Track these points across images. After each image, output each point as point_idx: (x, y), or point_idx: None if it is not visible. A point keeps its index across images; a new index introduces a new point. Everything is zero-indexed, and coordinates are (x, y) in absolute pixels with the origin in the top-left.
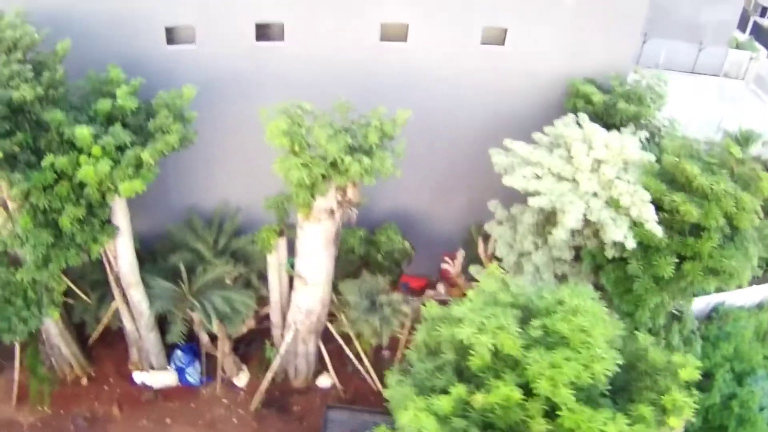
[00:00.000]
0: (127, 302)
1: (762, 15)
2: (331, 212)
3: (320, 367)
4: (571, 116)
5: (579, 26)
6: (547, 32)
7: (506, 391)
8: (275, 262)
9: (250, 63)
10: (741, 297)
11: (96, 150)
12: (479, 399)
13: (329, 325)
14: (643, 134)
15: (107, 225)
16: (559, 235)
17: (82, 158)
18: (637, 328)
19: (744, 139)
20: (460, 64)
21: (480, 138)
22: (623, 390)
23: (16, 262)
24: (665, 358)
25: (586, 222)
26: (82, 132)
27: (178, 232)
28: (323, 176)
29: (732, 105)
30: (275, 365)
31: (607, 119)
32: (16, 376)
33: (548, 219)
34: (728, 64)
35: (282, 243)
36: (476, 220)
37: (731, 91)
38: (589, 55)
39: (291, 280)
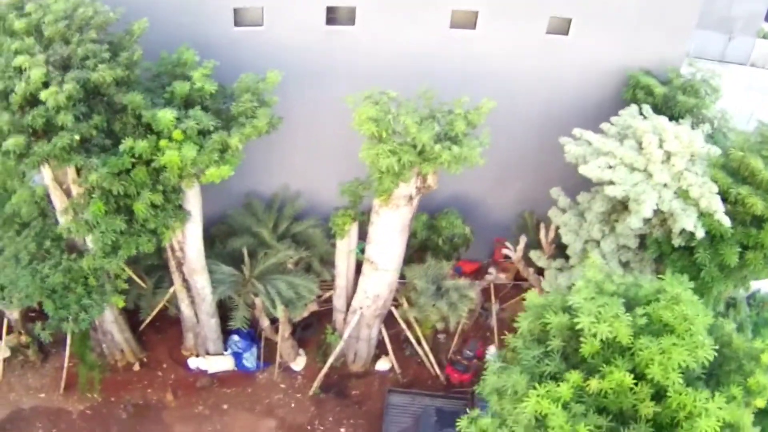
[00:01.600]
0: (187, 288)
1: None
2: (410, 198)
3: (379, 352)
4: (634, 107)
5: (637, 18)
6: (607, 23)
7: (620, 376)
8: (345, 247)
9: (317, 47)
10: None
11: (177, 134)
12: (594, 384)
13: (393, 310)
14: (706, 127)
15: (180, 210)
16: (634, 223)
17: (163, 142)
18: None
19: None
20: (524, 52)
21: (538, 127)
22: (711, 374)
23: (73, 249)
24: (748, 343)
25: (655, 211)
26: (165, 115)
27: (238, 216)
28: (410, 163)
29: (760, 95)
30: (338, 350)
31: (666, 111)
32: (66, 362)
33: (614, 208)
34: (755, 54)
35: (354, 228)
36: (528, 206)
37: (759, 80)
38: (646, 47)
39: (358, 264)
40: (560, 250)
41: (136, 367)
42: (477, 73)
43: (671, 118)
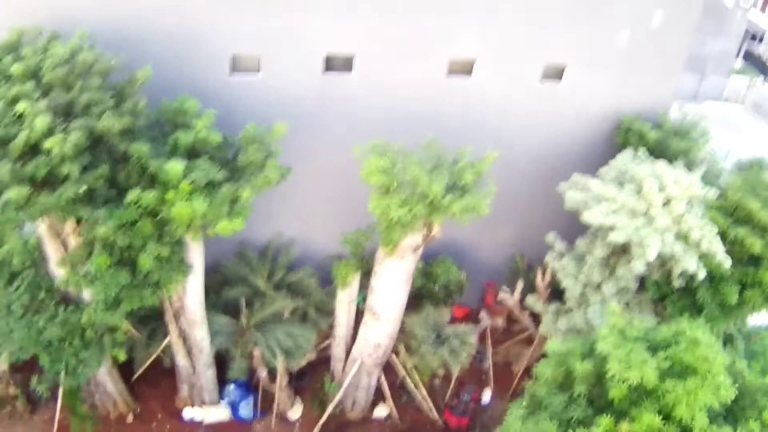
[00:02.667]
0: (184, 339)
1: (753, 39)
2: (415, 249)
3: (376, 399)
4: (629, 152)
5: (628, 63)
6: (599, 69)
7: (650, 418)
8: (347, 297)
9: (314, 93)
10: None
11: (185, 186)
12: (625, 428)
13: (393, 357)
14: (701, 170)
15: (183, 263)
16: (638, 268)
17: (170, 195)
18: None
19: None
20: (518, 98)
21: (530, 171)
22: (728, 410)
23: (67, 300)
24: (760, 379)
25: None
26: (174, 167)
27: (232, 265)
28: (421, 214)
29: (735, 132)
30: (338, 399)
31: (659, 154)
32: (57, 414)
33: (613, 251)
34: (728, 91)
35: (356, 278)
36: (518, 250)
37: (733, 117)
38: (636, 91)
39: (357, 314)
40: (554, 294)
41: (130, 418)
42: (473, 119)
43: (664, 161)
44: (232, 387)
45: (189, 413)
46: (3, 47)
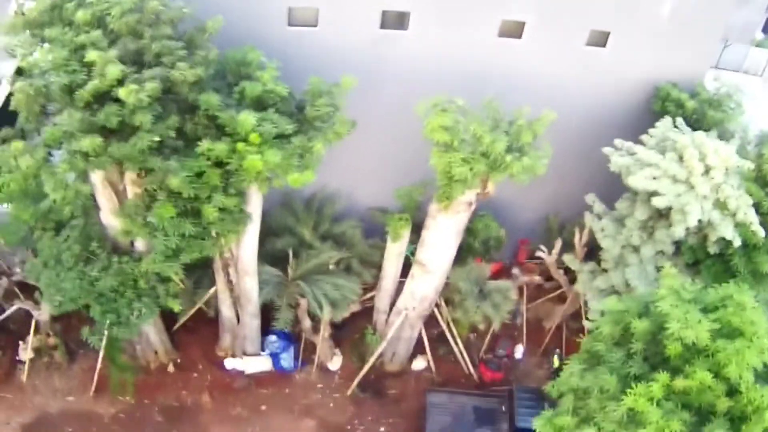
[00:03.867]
0: (230, 288)
1: None
2: (470, 205)
3: (414, 351)
4: (669, 120)
5: (668, 31)
6: (641, 36)
7: (702, 375)
8: (397, 250)
9: (369, 49)
10: None
11: (255, 137)
12: (680, 383)
13: (436, 311)
14: (737, 141)
15: (243, 213)
16: (678, 232)
17: (240, 146)
18: None
19: None
20: (564, 62)
21: (570, 134)
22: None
23: (116, 249)
24: None
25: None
26: (247, 119)
27: (278, 216)
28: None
29: (753, 104)
30: (380, 350)
31: (694, 124)
32: (99, 364)
33: (652, 215)
34: (748, 62)
35: (407, 232)
36: (552, 209)
37: (751, 89)
38: (673, 59)
39: (405, 266)
40: (587, 254)
41: (170, 368)
42: (519, 80)
43: (698, 130)
44: (273, 338)
45: (231, 363)
46: None
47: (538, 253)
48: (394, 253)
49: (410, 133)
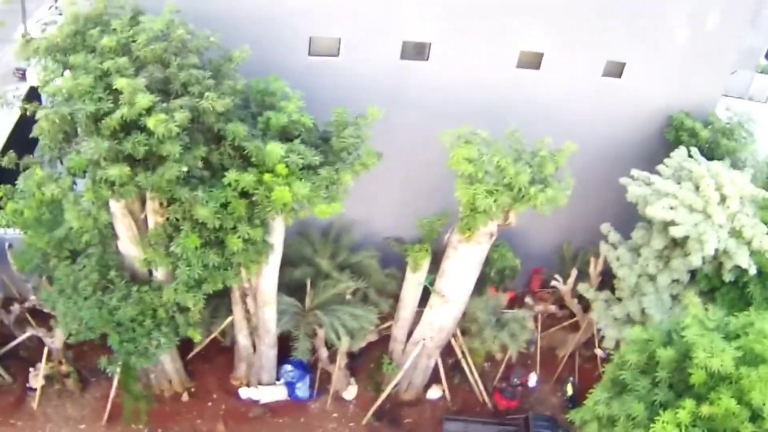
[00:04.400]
0: (248, 318)
1: None
2: (491, 235)
3: (429, 380)
4: (683, 150)
5: (682, 61)
6: (655, 67)
7: (728, 402)
8: (416, 280)
9: (389, 79)
10: None
11: (281, 168)
12: (706, 410)
13: (452, 340)
14: (750, 170)
15: (266, 244)
16: (695, 261)
17: (267, 177)
18: None
19: None
20: (580, 93)
21: (584, 164)
22: None
23: (134, 278)
24: None
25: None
26: (274, 149)
27: (296, 245)
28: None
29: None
30: (397, 379)
31: (708, 153)
32: (113, 393)
33: (667, 244)
34: (753, 88)
35: (427, 262)
36: (565, 238)
37: (756, 116)
38: (685, 89)
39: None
40: (602, 282)
41: (185, 397)
42: (536, 110)
43: (711, 159)
44: (289, 367)
45: (245, 392)
46: (88, 19)
47: (554, 283)
48: (413, 283)
49: (427, 162)
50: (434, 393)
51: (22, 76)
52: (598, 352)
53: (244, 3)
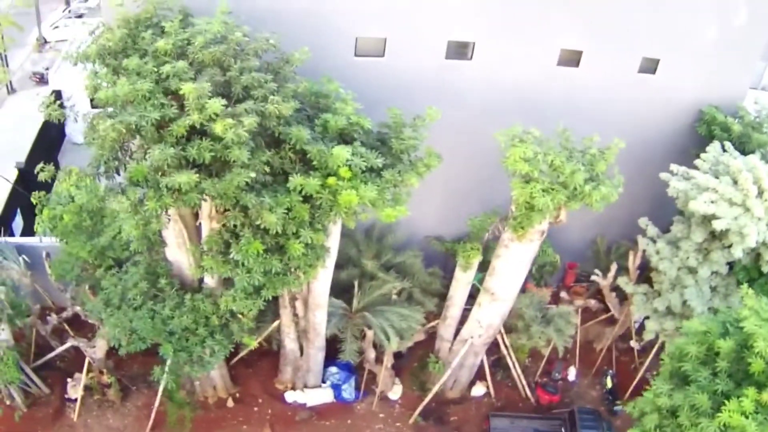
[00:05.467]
0: (296, 321)
1: None
2: (542, 233)
3: (474, 377)
4: (717, 144)
5: (711, 55)
6: (687, 62)
7: None
8: (466, 278)
9: (433, 79)
10: None
11: (345, 172)
12: (766, 397)
13: (499, 337)
14: None
15: (324, 248)
16: (737, 253)
17: (331, 180)
18: None
19: None
20: (617, 89)
21: (618, 158)
22: None
23: (183, 286)
24: None
25: None
26: (340, 153)
27: (341, 247)
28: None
29: None
30: (444, 378)
31: (739, 146)
32: (158, 400)
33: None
34: (766, 79)
35: (477, 261)
36: (598, 232)
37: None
38: (716, 83)
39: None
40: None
41: (230, 403)
42: (574, 106)
43: (743, 153)
44: (334, 369)
45: (291, 396)
46: (139, 21)
47: (593, 277)
48: (463, 282)
49: (469, 161)
50: (478, 390)
51: (40, 80)
52: (634, 344)
53: (292, 4)
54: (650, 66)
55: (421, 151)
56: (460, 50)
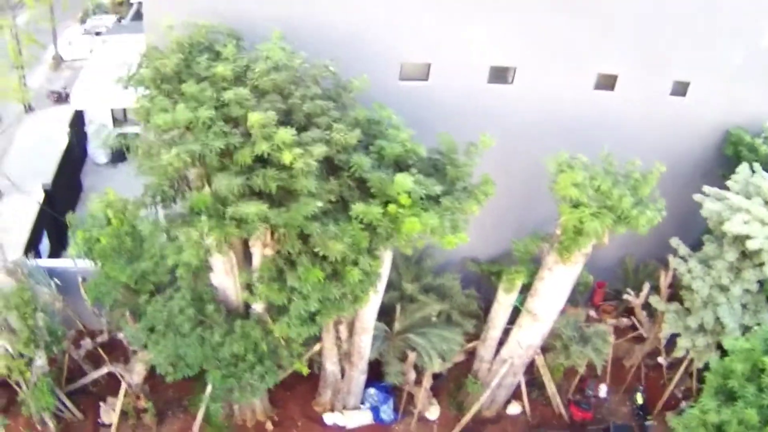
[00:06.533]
0: (338, 345)
1: None
2: (586, 255)
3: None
4: (746, 166)
5: (739, 77)
6: (715, 85)
7: None
8: (509, 300)
9: (475, 103)
10: None
11: (404, 199)
12: None
13: (536, 357)
14: None
15: (376, 274)
16: None
17: (392, 208)
18: None
19: None
20: (648, 112)
21: None
22: None
23: (228, 312)
24: None
25: None
26: (403, 180)
27: None
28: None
29: None
30: (484, 398)
31: (766, 167)
32: (197, 427)
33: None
34: None
35: (521, 283)
36: (625, 252)
37: None
38: (740, 103)
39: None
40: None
41: (269, 426)
42: (608, 129)
43: None
44: (372, 390)
45: (331, 418)
46: (192, 45)
47: (626, 296)
48: (505, 304)
49: (503, 182)
50: (514, 408)
51: (58, 99)
52: (662, 361)
53: (338, 29)
54: (681, 89)
55: (474, 178)
56: (501, 74)
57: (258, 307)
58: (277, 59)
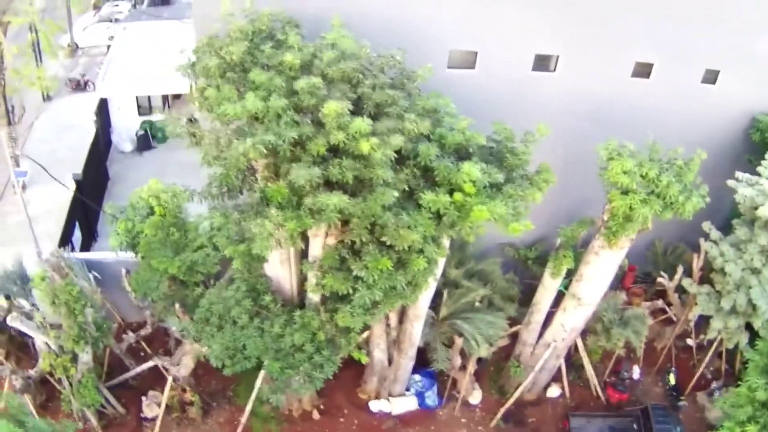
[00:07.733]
0: (387, 332)
1: None
2: (632, 240)
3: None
4: None
5: (763, 64)
6: (741, 71)
7: None
8: (554, 285)
9: (520, 91)
10: None
11: (469, 188)
12: None
13: (578, 340)
14: None
15: (437, 262)
16: None
17: (457, 196)
18: None
19: None
20: (682, 99)
21: None
22: None
23: (284, 302)
24: None
25: None
26: (472, 169)
27: None
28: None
29: None
30: (528, 382)
31: None
32: (245, 418)
33: None
34: None
35: (567, 267)
36: (654, 236)
37: None
38: (764, 92)
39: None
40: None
41: (315, 415)
42: (643, 115)
43: None
44: (417, 377)
45: (377, 405)
46: (254, 33)
47: (660, 279)
48: (550, 289)
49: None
50: (554, 391)
51: (76, 87)
52: (692, 342)
53: (386, 17)
54: (711, 77)
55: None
56: (544, 63)
57: (315, 297)
58: (345, 48)
